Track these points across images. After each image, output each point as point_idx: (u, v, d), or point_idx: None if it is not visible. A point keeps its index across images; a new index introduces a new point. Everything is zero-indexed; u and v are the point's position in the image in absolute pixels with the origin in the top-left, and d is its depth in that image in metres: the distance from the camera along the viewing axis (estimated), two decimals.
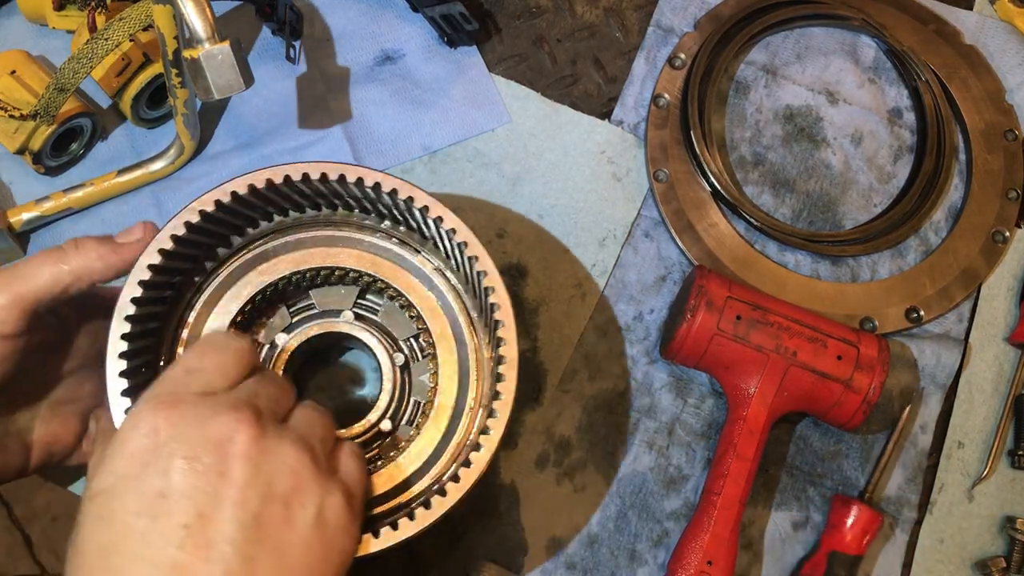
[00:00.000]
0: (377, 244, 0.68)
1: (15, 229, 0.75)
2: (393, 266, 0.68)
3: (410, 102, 0.83)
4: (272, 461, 0.49)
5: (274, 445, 0.50)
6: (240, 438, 0.49)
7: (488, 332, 0.66)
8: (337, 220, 0.68)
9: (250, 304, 0.66)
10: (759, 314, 0.73)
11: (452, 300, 0.68)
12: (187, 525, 0.46)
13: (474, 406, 0.65)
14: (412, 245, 0.69)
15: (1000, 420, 0.80)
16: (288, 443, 0.50)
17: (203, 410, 0.49)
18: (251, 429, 0.49)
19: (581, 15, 0.89)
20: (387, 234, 0.69)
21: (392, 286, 0.68)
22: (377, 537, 0.56)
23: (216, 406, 0.50)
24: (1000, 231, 0.84)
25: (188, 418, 0.49)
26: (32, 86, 0.74)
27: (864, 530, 0.73)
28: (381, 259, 0.69)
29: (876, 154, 0.87)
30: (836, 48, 0.89)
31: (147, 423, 0.48)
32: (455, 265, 0.67)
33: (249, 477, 0.48)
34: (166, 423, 0.48)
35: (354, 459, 0.55)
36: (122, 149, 0.80)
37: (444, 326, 0.68)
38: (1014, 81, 0.89)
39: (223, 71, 0.63)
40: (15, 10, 0.81)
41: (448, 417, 0.65)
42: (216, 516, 0.46)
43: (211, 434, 0.48)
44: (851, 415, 0.72)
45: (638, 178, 0.84)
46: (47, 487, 0.71)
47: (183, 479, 0.47)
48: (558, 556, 0.75)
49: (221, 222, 0.63)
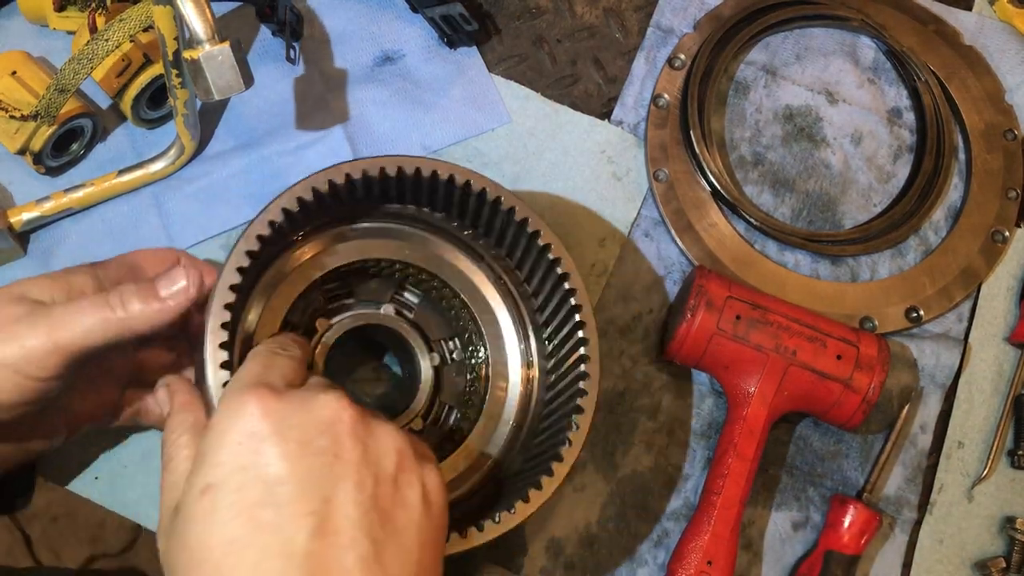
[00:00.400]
0: (438, 242, 0.71)
1: (15, 229, 0.75)
2: (452, 265, 0.71)
3: (410, 102, 0.83)
4: (377, 441, 0.48)
5: (375, 425, 0.49)
6: (345, 417, 0.48)
7: (550, 343, 0.70)
8: (406, 215, 0.70)
9: (304, 298, 0.67)
10: (759, 314, 0.73)
11: (508, 307, 0.72)
12: (314, 512, 0.44)
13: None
14: (477, 249, 0.71)
15: (1000, 420, 0.80)
16: (384, 424, 0.50)
17: (303, 395, 0.48)
18: (353, 409, 0.48)
19: (581, 15, 0.89)
20: (452, 233, 0.71)
21: (449, 285, 0.70)
22: (464, 537, 0.57)
23: (313, 390, 0.49)
24: (1000, 231, 0.84)
25: (292, 403, 0.48)
26: (33, 87, 0.74)
27: (862, 530, 0.73)
28: (443, 258, 0.71)
29: (876, 154, 0.87)
30: (836, 48, 0.89)
31: (249, 411, 0.47)
32: (520, 276, 0.71)
33: (361, 456, 0.47)
34: (269, 409, 0.47)
35: (426, 444, 0.55)
36: (122, 149, 0.80)
37: (498, 331, 0.71)
38: (1013, 81, 0.89)
39: (223, 72, 0.63)
40: (15, 11, 0.81)
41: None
42: (339, 499, 0.45)
43: (319, 416, 0.47)
44: (851, 415, 0.72)
45: (638, 178, 0.84)
46: (47, 487, 0.71)
47: (301, 464, 0.45)
48: (558, 556, 0.75)
49: (311, 211, 0.63)
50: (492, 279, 0.72)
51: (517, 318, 0.72)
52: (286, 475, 0.45)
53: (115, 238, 0.77)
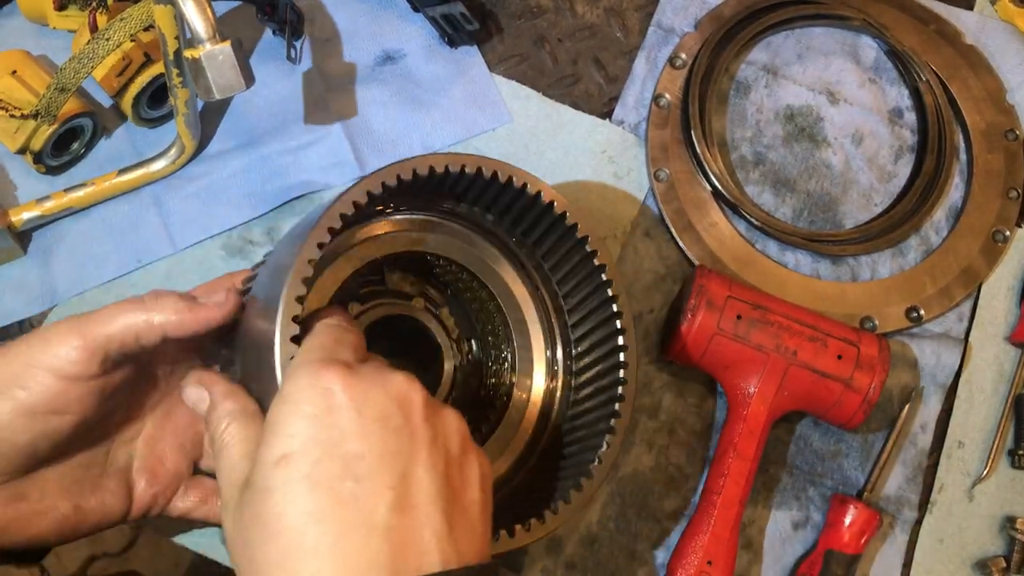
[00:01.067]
0: (483, 244, 0.71)
1: (16, 228, 0.75)
2: (492, 267, 0.71)
3: (411, 102, 0.83)
4: (443, 422, 0.49)
5: (439, 407, 0.50)
6: (417, 398, 0.48)
7: (580, 360, 0.71)
8: (457, 212, 0.70)
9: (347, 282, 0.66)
10: (759, 313, 0.73)
11: (540, 315, 0.72)
12: (393, 487, 0.45)
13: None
14: (519, 255, 0.71)
15: (1000, 420, 0.80)
16: (446, 406, 0.51)
17: (376, 372, 0.48)
18: (422, 389, 0.49)
19: (582, 15, 0.89)
20: (494, 234, 0.71)
21: (486, 286, 0.70)
22: (512, 537, 0.58)
23: (383, 369, 0.49)
24: (1000, 230, 0.84)
25: (366, 380, 0.47)
26: (33, 86, 0.74)
27: (862, 529, 0.73)
28: (484, 260, 0.71)
29: (877, 154, 0.87)
30: (837, 48, 0.89)
31: (324, 384, 0.46)
32: (560, 289, 0.71)
33: (432, 436, 0.48)
34: (347, 384, 0.46)
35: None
36: (123, 149, 0.80)
37: (527, 338, 0.71)
38: (1015, 81, 0.89)
39: (224, 71, 0.63)
40: (16, 10, 0.81)
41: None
42: (415, 476, 0.46)
43: (393, 394, 0.47)
44: (851, 414, 0.72)
45: (638, 178, 0.84)
46: None
47: (379, 440, 0.46)
48: (558, 555, 0.75)
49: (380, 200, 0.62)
50: (529, 287, 0.72)
51: (547, 328, 0.72)
52: (365, 450, 0.45)
53: (115, 238, 0.77)
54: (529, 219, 0.68)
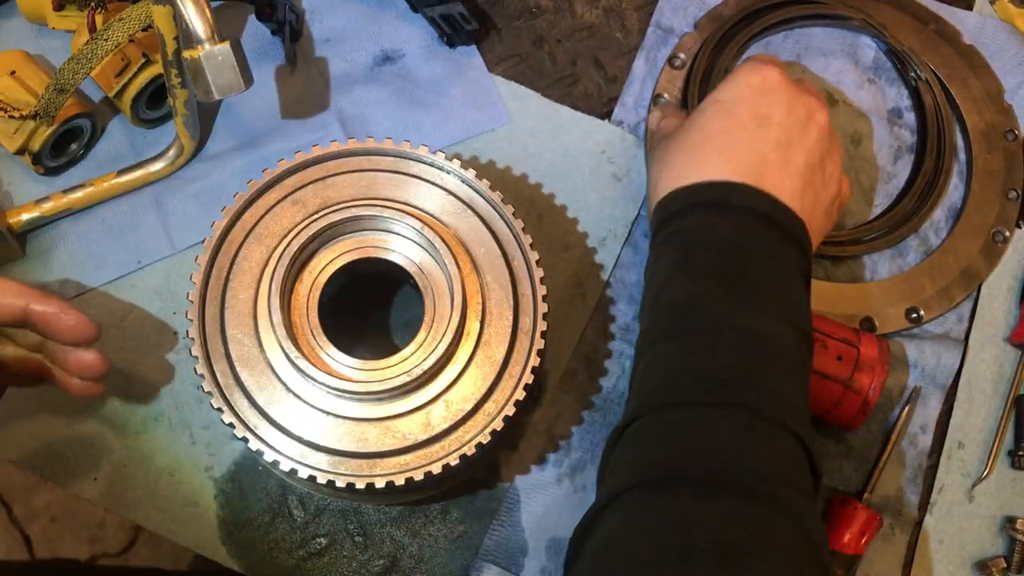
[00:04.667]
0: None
1: (15, 229, 0.75)
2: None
3: (410, 102, 0.83)
4: (828, 143, 0.70)
5: (833, 148, 0.71)
6: (819, 117, 0.69)
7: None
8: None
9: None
10: None
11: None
12: (779, 141, 0.66)
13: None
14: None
15: (1000, 420, 0.80)
16: (836, 147, 0.73)
17: (796, 87, 0.70)
18: (826, 111, 0.70)
19: (581, 15, 0.89)
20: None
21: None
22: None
23: (801, 89, 0.70)
24: (1000, 231, 0.84)
25: (789, 86, 0.69)
26: (32, 86, 0.74)
27: (862, 530, 0.73)
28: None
29: (876, 154, 0.87)
30: (836, 48, 0.89)
31: (760, 74, 0.69)
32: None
33: (815, 142, 0.68)
34: (777, 79, 0.68)
35: None
36: (122, 149, 0.80)
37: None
38: (1014, 81, 0.89)
39: (223, 71, 0.63)
40: (14, 10, 0.81)
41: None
42: (795, 148, 0.67)
43: (803, 102, 0.69)
44: (852, 416, 0.72)
45: (638, 178, 0.84)
46: (47, 487, 0.71)
47: (783, 115, 0.67)
48: (558, 556, 0.75)
49: None
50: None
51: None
52: (771, 117, 0.67)
53: (114, 238, 0.77)
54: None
